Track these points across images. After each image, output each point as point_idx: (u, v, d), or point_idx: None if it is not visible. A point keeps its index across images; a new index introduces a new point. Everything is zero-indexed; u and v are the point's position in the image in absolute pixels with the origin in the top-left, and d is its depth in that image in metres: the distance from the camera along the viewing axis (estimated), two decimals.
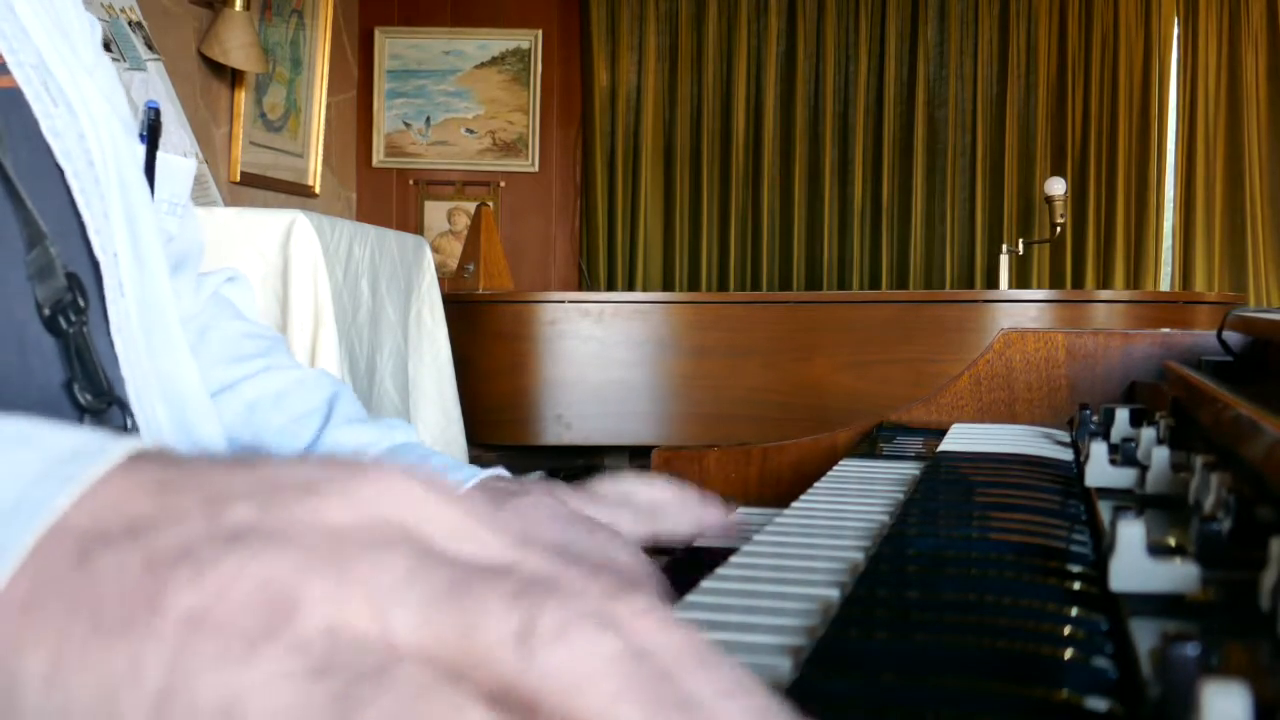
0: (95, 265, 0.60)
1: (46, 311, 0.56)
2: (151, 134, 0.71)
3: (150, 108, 0.72)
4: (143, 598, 0.24)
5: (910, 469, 0.94)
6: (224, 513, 0.26)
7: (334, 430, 0.82)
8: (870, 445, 1.15)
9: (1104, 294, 3.78)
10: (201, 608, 0.24)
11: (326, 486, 0.27)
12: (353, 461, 0.28)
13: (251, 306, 0.90)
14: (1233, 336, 1.03)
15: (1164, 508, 0.66)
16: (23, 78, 0.57)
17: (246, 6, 3.85)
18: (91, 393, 0.58)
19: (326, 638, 0.24)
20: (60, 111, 0.58)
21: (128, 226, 0.62)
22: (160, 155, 0.73)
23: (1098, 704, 0.37)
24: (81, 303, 0.58)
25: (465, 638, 0.25)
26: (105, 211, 0.60)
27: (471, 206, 4.77)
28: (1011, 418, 1.23)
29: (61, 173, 0.58)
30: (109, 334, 0.61)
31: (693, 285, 4.92)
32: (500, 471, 0.80)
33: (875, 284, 4.81)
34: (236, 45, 3.81)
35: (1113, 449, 0.76)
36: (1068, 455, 0.95)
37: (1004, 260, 3.98)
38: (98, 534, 0.25)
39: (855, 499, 0.81)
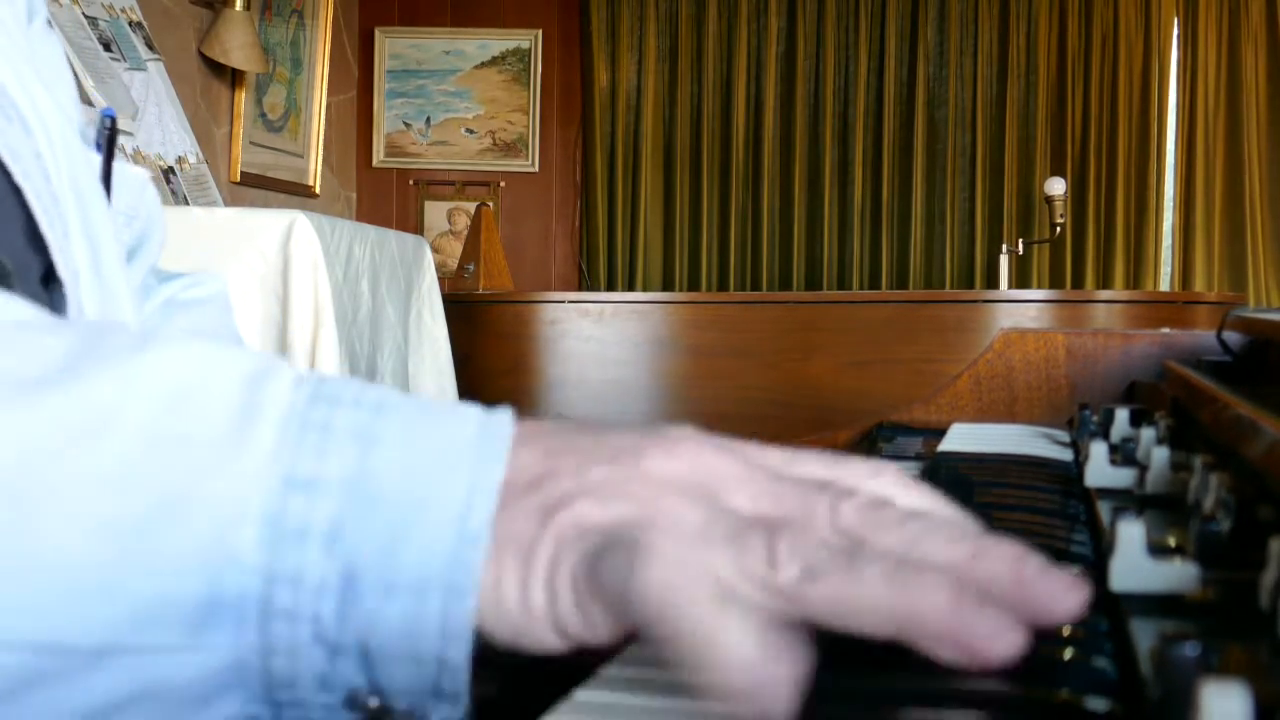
0: (59, 285, 0.58)
1: None
2: (108, 143, 0.68)
3: (106, 115, 0.69)
4: (538, 530, 0.36)
5: (910, 469, 0.94)
6: (589, 472, 0.37)
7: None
8: (870, 445, 1.15)
9: (1104, 294, 3.78)
10: (576, 528, 0.36)
11: (652, 450, 0.38)
12: (666, 433, 0.39)
13: (222, 315, 0.84)
14: (1233, 336, 1.03)
15: (1164, 508, 0.66)
16: None
17: (246, 6, 3.85)
18: None
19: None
20: (15, 129, 0.56)
21: (86, 242, 0.60)
22: (116, 165, 0.70)
23: (1098, 704, 0.37)
24: None
25: (739, 569, 0.35)
26: (65, 230, 0.58)
27: (471, 206, 4.78)
28: (1011, 418, 1.23)
29: (18, 192, 0.56)
30: None
31: (693, 285, 4.92)
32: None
33: (875, 284, 4.81)
34: (236, 45, 3.81)
35: (1113, 449, 0.76)
36: (1068, 455, 0.95)
37: (1004, 260, 3.98)
38: (511, 486, 0.37)
39: None
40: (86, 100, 2.95)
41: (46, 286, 0.57)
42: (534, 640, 0.37)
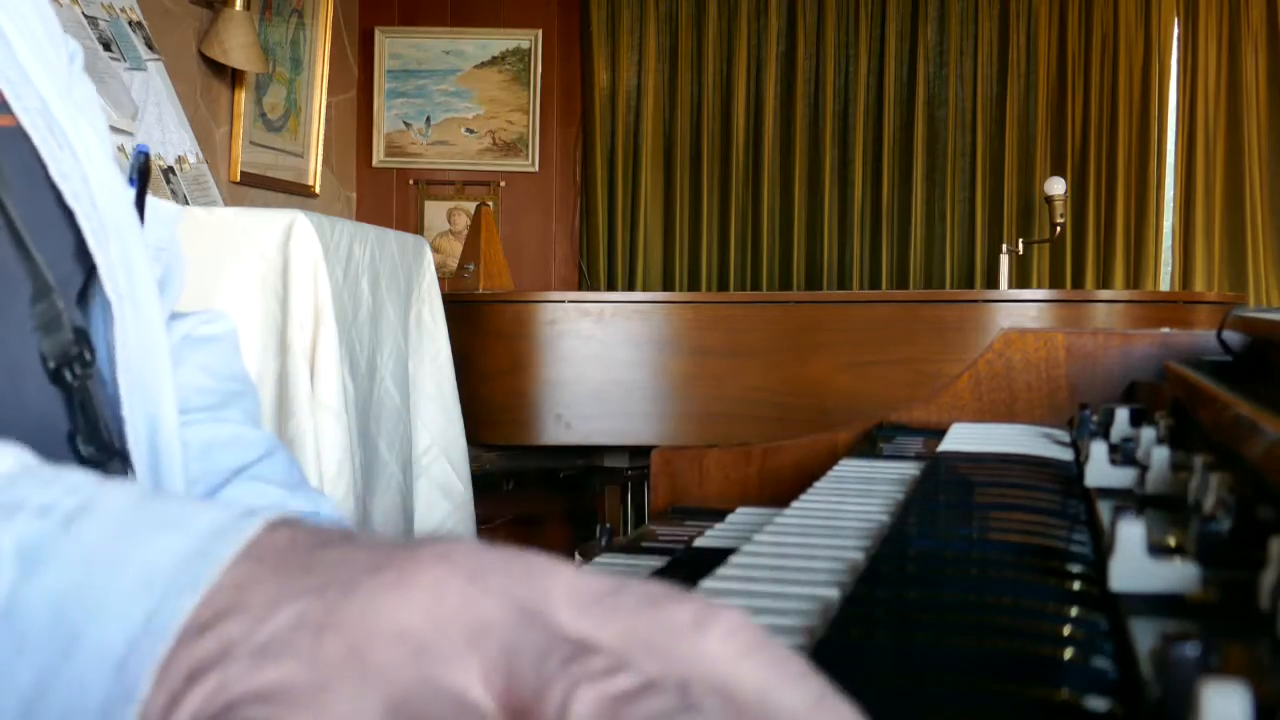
0: (106, 307, 0.59)
1: (51, 364, 0.56)
2: (141, 178, 0.70)
3: (141, 151, 0.71)
4: (172, 698, 0.28)
5: (910, 469, 0.94)
6: (276, 611, 0.29)
7: (237, 484, 0.73)
8: (870, 445, 1.15)
9: (1104, 294, 3.78)
10: (209, 702, 0.27)
11: (382, 580, 0.29)
12: (420, 555, 0.30)
13: (232, 353, 0.84)
14: (1233, 336, 1.03)
15: (1164, 508, 0.66)
16: (29, 122, 0.56)
17: (246, 6, 3.85)
18: (94, 445, 0.58)
19: None
20: (65, 155, 0.58)
21: (124, 270, 0.61)
22: (149, 200, 0.72)
23: (1098, 704, 0.37)
24: (88, 356, 0.58)
25: None
26: (109, 255, 0.60)
27: (471, 206, 4.77)
28: (1011, 418, 1.23)
29: (70, 215, 0.57)
30: (115, 379, 0.60)
31: (693, 285, 4.92)
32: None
33: (875, 284, 4.81)
34: (236, 45, 3.81)
35: (1113, 449, 0.76)
36: (1068, 455, 0.95)
37: (1004, 260, 3.99)
38: (189, 628, 0.29)
39: (855, 499, 0.81)
40: None
41: (82, 304, 0.58)
42: None
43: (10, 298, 0.54)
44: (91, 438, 0.57)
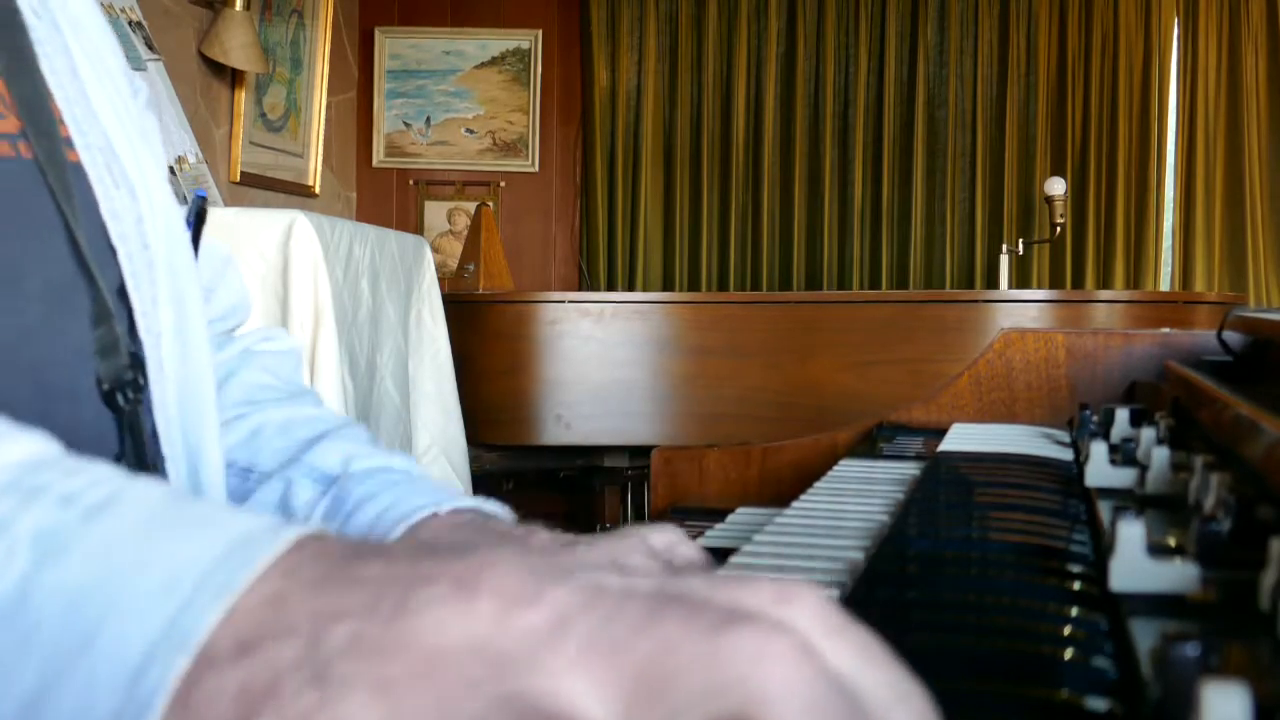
0: (139, 345, 0.61)
1: (105, 387, 0.57)
2: (198, 220, 0.72)
3: (199, 196, 0.73)
4: None
5: (910, 469, 0.94)
6: (328, 635, 0.26)
7: (324, 445, 0.74)
8: (870, 445, 1.15)
9: (1104, 294, 3.78)
10: None
11: (435, 596, 0.27)
12: (472, 561, 0.28)
13: (294, 366, 0.86)
14: (1233, 336, 1.03)
15: (1164, 508, 0.66)
16: (89, 160, 0.58)
17: (246, 6, 3.85)
18: (137, 469, 0.58)
19: None
20: (121, 194, 0.59)
21: (174, 307, 0.62)
22: (203, 242, 0.74)
23: (1098, 704, 0.37)
24: (141, 381, 0.59)
25: None
26: (154, 296, 0.60)
27: (471, 206, 4.77)
28: (1011, 418, 1.23)
29: (114, 253, 0.58)
30: (152, 411, 0.61)
31: (693, 285, 4.92)
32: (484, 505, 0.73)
33: (875, 284, 4.81)
34: (236, 45, 3.81)
35: (1113, 449, 0.76)
36: (1068, 455, 0.95)
37: (1004, 260, 3.98)
38: (214, 648, 0.26)
39: (855, 499, 0.81)
40: None
41: (131, 334, 0.59)
42: None
43: (73, 319, 0.55)
44: (138, 463, 0.58)
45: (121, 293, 0.59)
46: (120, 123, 0.61)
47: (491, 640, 0.26)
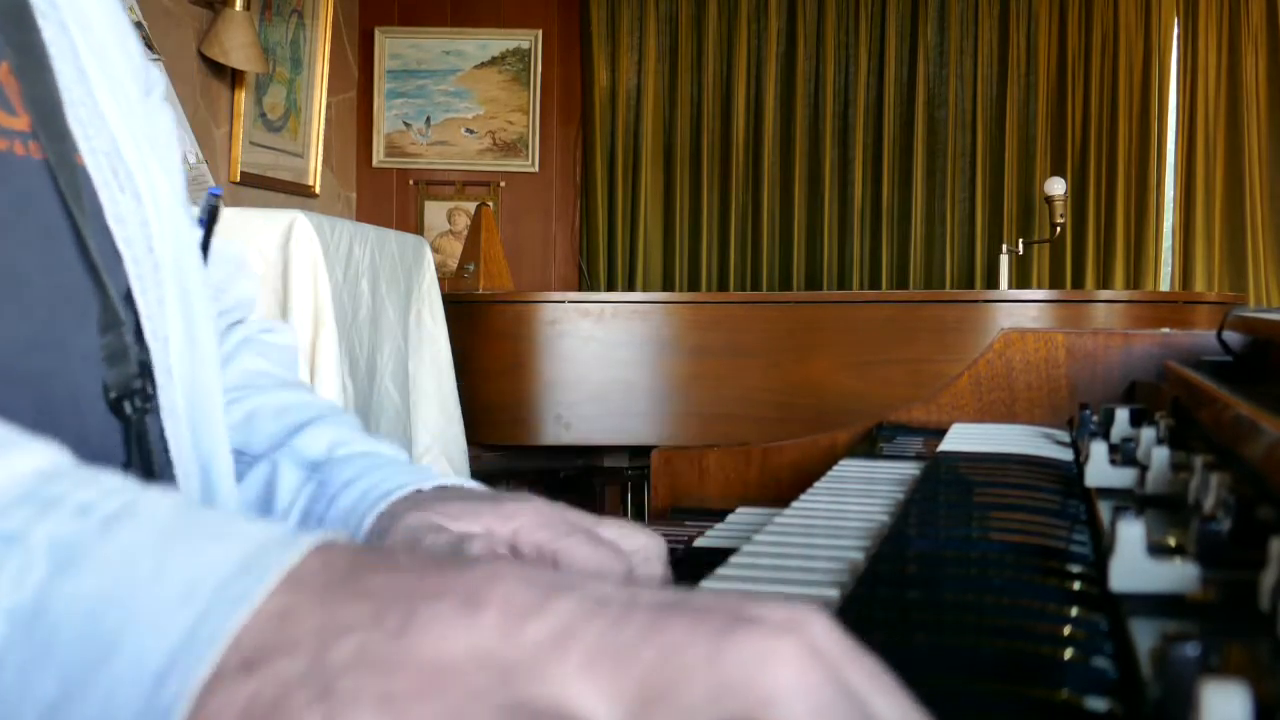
0: (145, 350, 0.60)
1: (113, 395, 0.56)
2: (210, 219, 0.72)
3: (213, 194, 0.73)
4: None
5: (910, 469, 0.94)
6: (332, 649, 0.27)
7: (314, 429, 0.74)
8: (870, 445, 1.15)
9: (1104, 294, 3.78)
10: None
11: (440, 612, 0.27)
12: (474, 572, 0.28)
13: (291, 359, 0.86)
14: (1233, 336, 1.03)
15: (1164, 508, 0.66)
16: (94, 164, 0.57)
17: (246, 6, 3.85)
18: (144, 477, 0.58)
19: None
20: (126, 198, 0.58)
21: (181, 310, 0.62)
22: (215, 242, 0.74)
23: (1098, 704, 0.37)
24: (150, 389, 0.58)
25: None
26: (160, 298, 0.60)
27: (471, 206, 4.77)
28: (1011, 418, 1.23)
29: (119, 257, 0.58)
30: (159, 417, 0.61)
31: (693, 285, 4.92)
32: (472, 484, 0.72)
33: (875, 284, 4.81)
34: (236, 45, 3.81)
35: (1113, 449, 0.76)
36: (1068, 455, 0.95)
37: (1004, 260, 3.98)
38: (228, 659, 0.27)
39: (855, 499, 0.81)
40: None
41: (139, 340, 0.59)
42: None
43: (80, 327, 0.55)
44: (145, 471, 0.57)
45: (128, 298, 0.58)
46: (127, 126, 0.60)
47: (497, 652, 0.26)
